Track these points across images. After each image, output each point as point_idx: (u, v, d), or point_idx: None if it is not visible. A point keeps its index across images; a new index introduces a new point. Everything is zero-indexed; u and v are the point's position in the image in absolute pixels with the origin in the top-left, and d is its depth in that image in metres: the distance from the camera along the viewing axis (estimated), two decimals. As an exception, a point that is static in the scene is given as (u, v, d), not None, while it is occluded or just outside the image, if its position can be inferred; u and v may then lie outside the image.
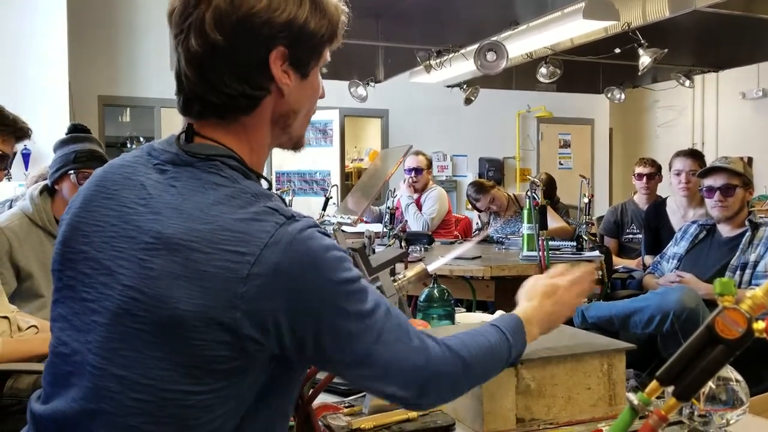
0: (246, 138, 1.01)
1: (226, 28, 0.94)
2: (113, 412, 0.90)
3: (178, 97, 1.02)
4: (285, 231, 0.89)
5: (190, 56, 0.96)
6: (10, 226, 2.41)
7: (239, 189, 0.94)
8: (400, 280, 1.43)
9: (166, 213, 0.92)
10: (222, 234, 0.89)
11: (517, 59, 6.22)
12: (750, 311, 0.77)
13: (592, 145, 10.74)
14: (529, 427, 1.31)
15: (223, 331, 0.87)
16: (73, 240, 1.00)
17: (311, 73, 1.04)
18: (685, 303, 2.56)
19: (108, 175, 1.03)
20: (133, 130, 10.41)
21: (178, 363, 0.88)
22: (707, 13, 4.91)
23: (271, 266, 0.87)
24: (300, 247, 0.89)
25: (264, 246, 0.88)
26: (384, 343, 0.94)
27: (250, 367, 0.91)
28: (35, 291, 2.42)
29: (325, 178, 8.51)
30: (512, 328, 1.13)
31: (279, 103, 1.02)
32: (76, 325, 0.96)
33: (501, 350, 1.09)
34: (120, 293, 0.91)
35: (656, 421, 0.80)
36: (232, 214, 0.90)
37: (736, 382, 1.15)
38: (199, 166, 0.96)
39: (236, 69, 0.96)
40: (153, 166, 0.99)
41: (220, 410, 0.90)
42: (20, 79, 6.06)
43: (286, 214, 0.92)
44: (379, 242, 3.86)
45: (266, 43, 0.96)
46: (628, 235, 4.40)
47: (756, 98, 9.32)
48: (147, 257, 0.91)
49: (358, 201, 3.35)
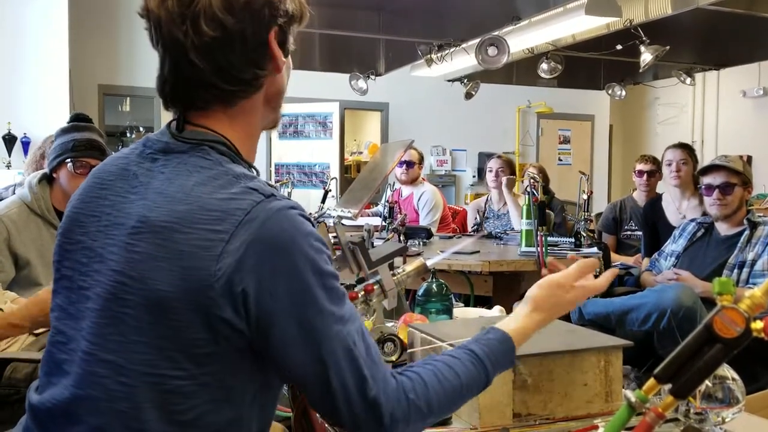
0: (243, 121, 1.02)
1: (235, 10, 0.94)
2: (101, 398, 0.90)
3: (172, 93, 1.00)
4: (262, 208, 0.89)
5: (202, 43, 0.94)
6: (9, 214, 2.41)
7: (222, 171, 0.94)
8: (399, 275, 1.43)
9: (152, 197, 0.93)
10: (200, 213, 0.89)
11: (518, 54, 6.22)
12: (748, 311, 0.78)
13: (592, 142, 10.74)
14: (525, 422, 1.31)
15: (201, 312, 0.87)
16: (71, 231, 1.02)
17: (288, 52, 1.05)
18: (683, 301, 2.56)
19: (105, 167, 1.05)
20: (132, 119, 10.40)
21: (159, 347, 0.89)
22: (709, 11, 4.91)
23: (245, 243, 0.87)
24: (276, 225, 0.89)
25: (239, 223, 0.87)
26: (349, 358, 0.90)
27: (228, 354, 0.90)
28: (33, 279, 2.43)
29: (325, 171, 8.51)
30: (496, 353, 1.07)
31: (272, 84, 1.03)
32: (72, 313, 0.97)
33: (471, 387, 1.03)
34: (109, 278, 0.92)
35: (653, 419, 0.81)
36: (212, 194, 0.90)
37: (733, 380, 1.15)
38: (187, 152, 0.97)
39: (246, 52, 0.97)
40: (147, 156, 1.00)
41: (201, 398, 0.90)
42: (20, 67, 6.05)
43: (266, 192, 0.91)
44: (378, 236, 3.86)
45: (267, 24, 0.98)
46: (627, 231, 4.40)
47: (756, 97, 9.32)
48: (133, 241, 0.92)
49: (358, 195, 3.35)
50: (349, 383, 0.90)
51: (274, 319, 0.88)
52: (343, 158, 9.44)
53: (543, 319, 1.15)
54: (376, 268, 1.45)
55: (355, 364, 0.91)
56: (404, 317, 1.75)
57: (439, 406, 0.99)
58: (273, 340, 0.89)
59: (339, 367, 0.90)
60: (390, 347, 1.46)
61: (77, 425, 0.92)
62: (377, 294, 1.41)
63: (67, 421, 0.93)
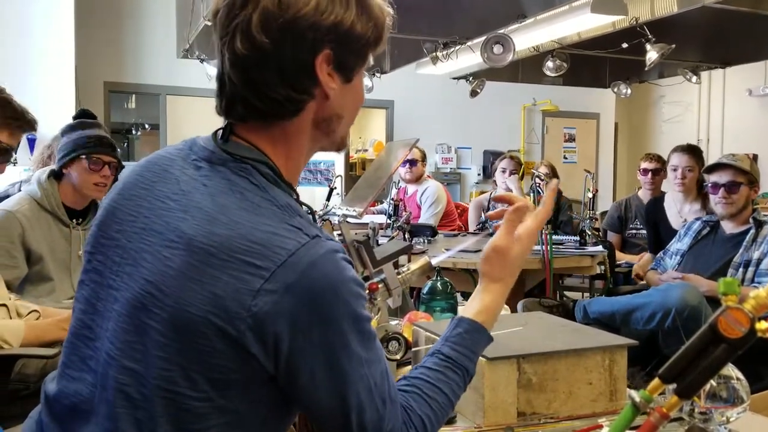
0: (285, 143, 1.00)
1: (272, 31, 0.92)
2: (121, 404, 0.90)
3: (219, 100, 0.99)
4: (306, 251, 0.88)
5: (236, 59, 0.94)
6: (21, 210, 2.42)
7: (267, 199, 0.93)
8: (403, 273, 1.43)
9: (192, 212, 0.92)
10: (240, 243, 0.87)
11: (523, 52, 6.20)
12: (753, 311, 0.78)
13: (597, 140, 10.71)
14: (529, 420, 1.32)
15: (228, 341, 0.86)
16: (107, 225, 1.01)
17: (355, 77, 1.01)
18: (687, 300, 2.56)
19: (150, 165, 1.03)
20: (138, 116, 10.42)
21: (180, 366, 0.88)
22: (715, 9, 4.88)
23: (285, 285, 0.86)
24: (319, 272, 0.88)
25: (281, 263, 0.86)
26: (370, 399, 0.92)
27: (248, 383, 0.90)
28: (45, 274, 2.44)
29: (329, 169, 8.51)
30: (470, 346, 1.09)
31: (322, 108, 0.99)
32: (99, 310, 0.97)
33: (458, 394, 1.07)
34: (140, 286, 0.92)
35: (658, 419, 0.81)
36: (255, 223, 0.89)
37: (737, 380, 1.15)
38: (231, 167, 0.95)
39: (282, 73, 0.94)
40: (191, 162, 0.99)
41: (215, 421, 0.90)
42: (27, 64, 6.07)
43: (311, 233, 0.90)
44: (383, 234, 3.87)
45: (312, 47, 0.94)
46: (632, 230, 4.40)
47: (762, 95, 9.28)
48: (169, 255, 0.91)
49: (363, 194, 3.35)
50: (366, 423, 0.93)
51: (304, 360, 0.89)
52: (348, 156, 9.44)
53: (502, 286, 1.14)
54: (381, 267, 1.45)
55: (375, 405, 0.93)
56: (409, 315, 1.75)
57: (435, 427, 1.03)
58: (300, 381, 0.90)
59: (361, 408, 0.92)
60: (394, 346, 1.46)
61: (92, 425, 0.92)
62: (382, 292, 1.42)
63: (83, 419, 0.93)
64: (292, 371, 0.89)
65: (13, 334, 1.97)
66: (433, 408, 1.02)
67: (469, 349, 1.08)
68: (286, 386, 0.91)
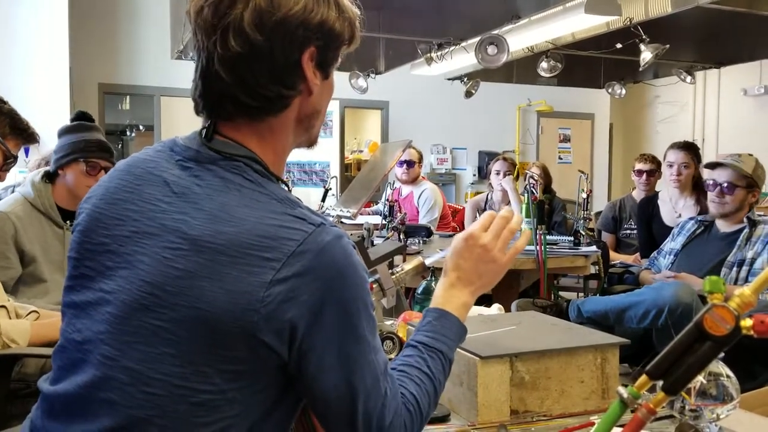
0: (271, 140, 1.02)
1: (266, 28, 0.94)
2: (121, 403, 0.91)
3: (203, 99, 1.00)
4: (314, 240, 0.90)
5: (228, 56, 0.95)
6: (14, 211, 2.42)
7: (265, 193, 0.95)
8: (398, 273, 1.44)
9: (191, 213, 0.93)
10: (248, 238, 0.89)
11: (518, 53, 6.22)
12: (738, 309, 0.79)
13: (592, 140, 10.74)
14: (522, 418, 1.33)
15: (241, 333, 0.88)
16: (92, 231, 1.01)
17: (330, 74, 1.05)
18: (680, 298, 2.57)
19: (131, 168, 1.03)
20: (132, 118, 10.42)
21: (191, 361, 0.89)
22: (709, 9, 4.90)
23: (297, 274, 0.88)
24: (328, 258, 0.90)
25: (291, 253, 0.89)
26: (376, 387, 0.95)
27: (259, 373, 0.92)
28: (38, 276, 2.43)
29: (325, 169, 8.52)
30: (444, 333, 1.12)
31: (305, 104, 1.03)
32: (90, 314, 0.97)
33: (439, 375, 1.09)
34: (139, 288, 0.92)
35: (645, 414, 0.82)
36: (259, 218, 0.91)
37: (727, 377, 1.16)
38: (222, 165, 0.97)
39: (273, 70, 0.96)
40: (175, 162, 1.00)
41: (227, 413, 0.91)
42: (21, 65, 6.06)
43: (315, 221, 0.93)
44: (378, 234, 3.88)
45: (301, 44, 0.97)
46: (626, 230, 4.41)
47: (757, 95, 9.31)
48: (171, 256, 0.92)
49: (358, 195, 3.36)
50: (371, 411, 0.95)
51: (315, 345, 0.91)
52: (344, 157, 9.45)
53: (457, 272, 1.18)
54: (375, 267, 1.46)
55: (379, 392, 0.96)
56: (403, 315, 1.76)
57: (429, 409, 1.05)
58: (310, 365, 0.92)
59: (367, 395, 0.94)
60: (389, 345, 1.47)
61: (93, 423, 0.93)
62: (376, 292, 1.43)
63: (83, 418, 0.94)
64: (304, 356, 0.91)
65: (20, 333, 1.97)
66: (424, 390, 1.05)
67: (440, 333, 1.12)
68: (297, 373, 0.93)
